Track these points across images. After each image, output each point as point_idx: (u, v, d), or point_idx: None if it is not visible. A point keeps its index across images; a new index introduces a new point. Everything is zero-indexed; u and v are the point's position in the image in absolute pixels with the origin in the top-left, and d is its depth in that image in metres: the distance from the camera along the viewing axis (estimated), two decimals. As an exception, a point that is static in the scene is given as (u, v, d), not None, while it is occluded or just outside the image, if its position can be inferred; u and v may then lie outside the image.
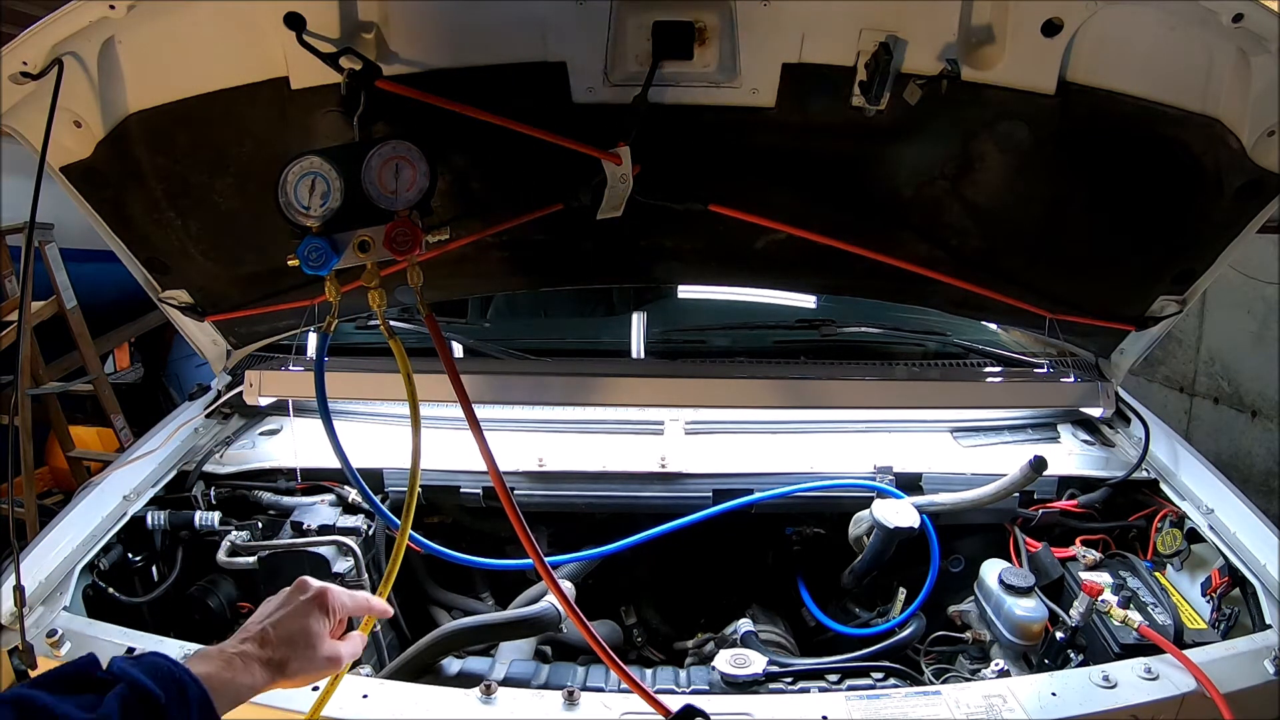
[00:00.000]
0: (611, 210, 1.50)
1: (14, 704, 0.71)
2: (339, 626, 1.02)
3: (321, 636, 0.97)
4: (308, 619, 0.96)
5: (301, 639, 0.94)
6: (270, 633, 0.93)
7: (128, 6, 1.28)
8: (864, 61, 1.37)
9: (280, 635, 0.93)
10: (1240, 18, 1.22)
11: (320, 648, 0.96)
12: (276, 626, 0.94)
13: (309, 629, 0.96)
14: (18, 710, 0.70)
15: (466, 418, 1.20)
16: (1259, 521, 1.56)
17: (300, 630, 0.95)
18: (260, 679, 0.89)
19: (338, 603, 1.00)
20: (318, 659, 0.96)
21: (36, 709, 0.71)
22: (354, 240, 1.20)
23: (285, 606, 0.97)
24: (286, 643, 0.93)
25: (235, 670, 0.87)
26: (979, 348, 2.12)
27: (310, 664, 0.95)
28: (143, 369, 5.10)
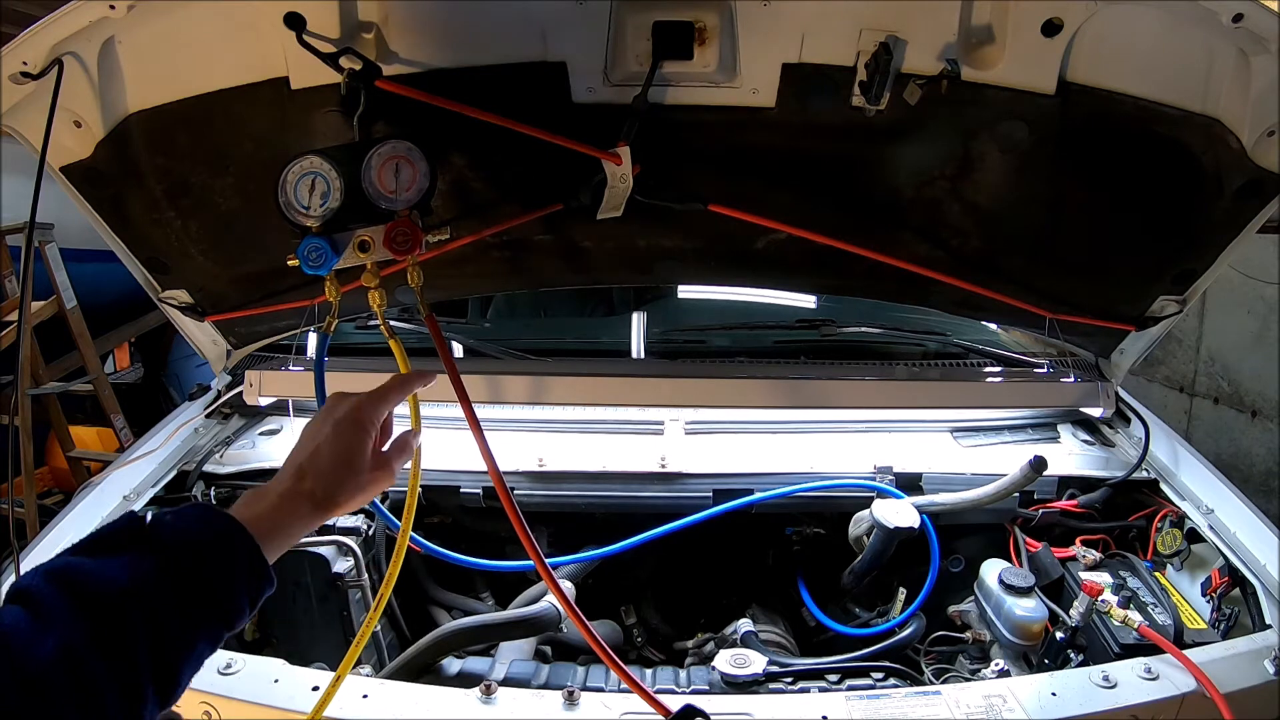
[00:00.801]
0: (611, 210, 1.50)
1: (52, 575, 0.68)
2: (383, 436, 0.98)
3: (363, 456, 0.92)
4: (345, 443, 0.92)
5: (344, 466, 0.90)
6: (308, 467, 0.89)
7: (128, 6, 1.27)
8: (864, 61, 1.37)
9: (321, 468, 0.89)
10: (1240, 18, 1.21)
11: (364, 470, 0.92)
12: (314, 459, 0.90)
13: (348, 454, 0.91)
14: (55, 580, 0.68)
15: (466, 418, 1.20)
16: (1259, 521, 1.56)
17: (340, 457, 0.91)
18: (310, 516, 0.86)
19: (372, 415, 0.95)
20: (363, 481, 0.92)
21: (77, 578, 0.68)
22: (354, 240, 1.20)
23: (319, 435, 0.93)
24: (329, 474, 0.89)
25: (283, 513, 0.84)
26: (979, 348, 2.12)
27: (358, 488, 0.91)
28: (143, 369, 5.10)
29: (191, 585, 0.72)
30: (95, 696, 0.65)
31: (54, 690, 0.62)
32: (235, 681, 1.25)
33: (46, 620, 0.65)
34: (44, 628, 0.64)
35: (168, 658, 0.70)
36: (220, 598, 0.75)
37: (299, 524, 0.85)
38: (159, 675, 0.69)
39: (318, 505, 0.87)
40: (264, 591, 0.79)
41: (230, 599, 0.75)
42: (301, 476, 0.88)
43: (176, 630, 0.71)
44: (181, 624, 0.71)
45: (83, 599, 0.67)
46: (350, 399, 0.96)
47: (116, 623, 0.67)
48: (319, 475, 0.88)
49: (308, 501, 0.86)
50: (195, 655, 0.73)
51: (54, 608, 0.66)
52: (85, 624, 0.66)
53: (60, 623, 0.65)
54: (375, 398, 0.98)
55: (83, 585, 0.68)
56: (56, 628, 0.64)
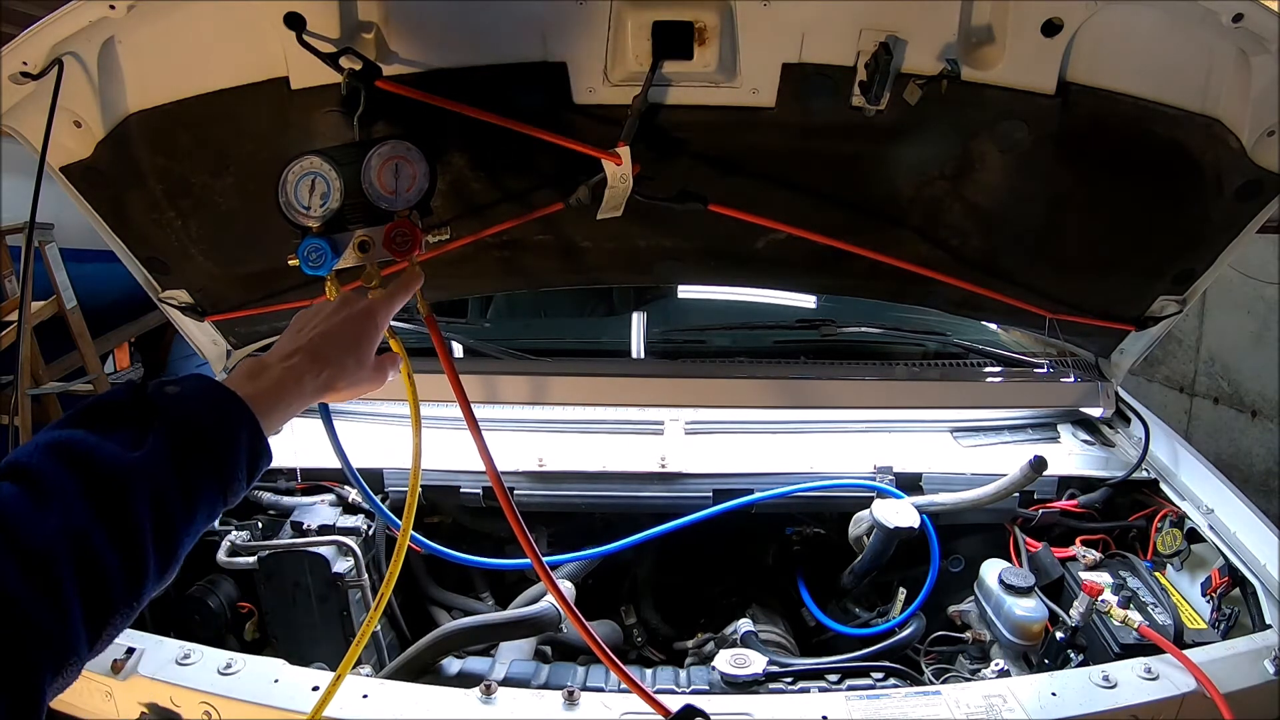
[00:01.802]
0: (611, 210, 1.50)
1: (52, 448, 0.67)
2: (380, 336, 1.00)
3: (370, 350, 0.94)
4: (358, 333, 0.92)
5: (351, 354, 0.91)
6: (319, 346, 0.89)
7: (128, 6, 1.27)
8: (864, 61, 1.37)
9: (330, 348, 0.89)
10: (1240, 18, 1.21)
11: (368, 364, 0.93)
12: (326, 339, 0.90)
13: (359, 344, 0.92)
14: (55, 454, 0.67)
15: (465, 418, 1.20)
16: (1259, 521, 1.56)
17: (351, 345, 0.91)
18: (309, 394, 0.86)
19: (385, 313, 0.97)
20: (364, 374, 0.93)
21: (76, 451, 0.67)
22: (354, 240, 1.20)
23: (334, 317, 0.93)
24: (337, 358, 0.89)
25: (284, 389, 0.84)
26: (979, 348, 2.12)
27: (359, 380, 0.92)
28: (143, 369, 5.10)
29: (193, 459, 0.72)
30: (99, 574, 0.64)
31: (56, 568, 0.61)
32: (235, 681, 1.25)
33: (47, 496, 0.64)
34: (45, 504, 0.63)
35: (169, 532, 0.70)
36: (221, 472, 0.75)
37: (297, 401, 0.85)
38: (160, 550, 0.69)
39: (320, 386, 0.87)
40: (261, 466, 0.79)
41: (230, 472, 0.76)
42: (312, 356, 0.88)
43: (178, 504, 0.71)
44: (183, 498, 0.71)
45: (83, 474, 0.66)
46: (363, 296, 0.98)
47: (119, 498, 0.67)
48: (326, 358, 0.88)
49: (312, 380, 0.86)
50: (194, 528, 0.74)
51: (55, 484, 0.65)
52: (88, 500, 0.65)
53: (62, 499, 0.64)
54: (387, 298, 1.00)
55: (84, 460, 0.67)
56: (57, 503, 0.64)
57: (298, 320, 0.95)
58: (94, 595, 0.64)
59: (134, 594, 0.68)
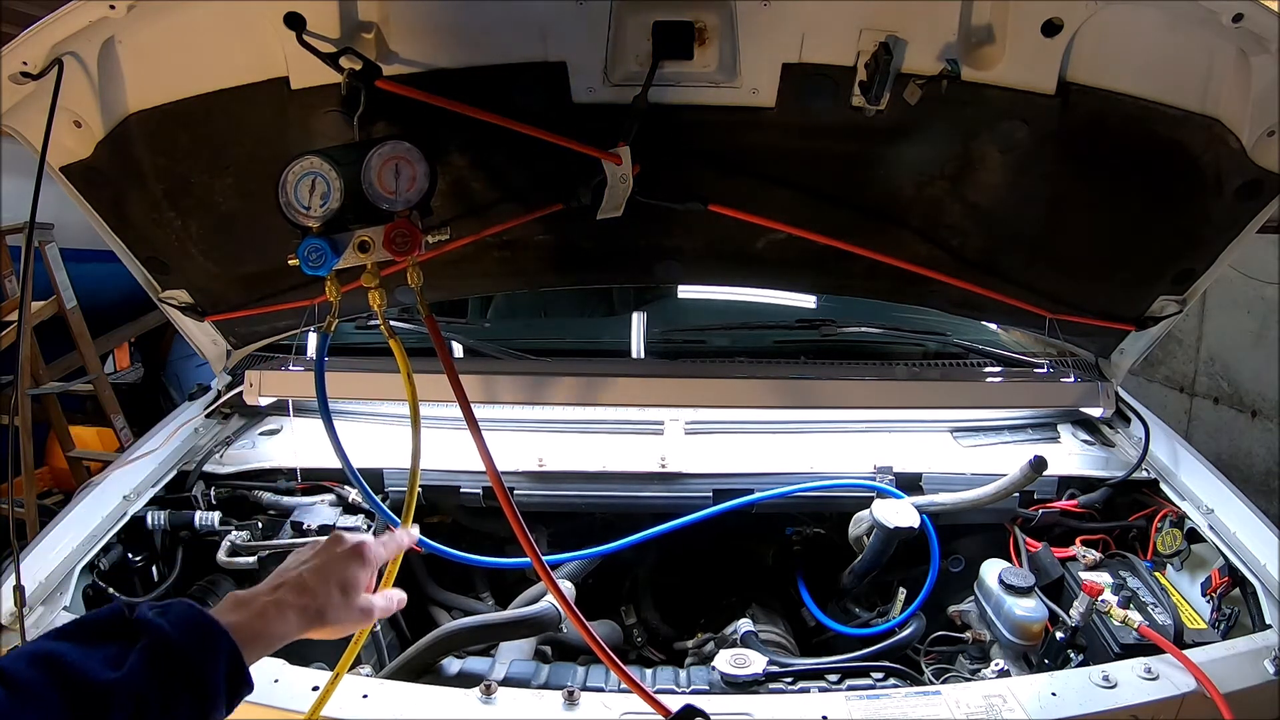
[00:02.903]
0: (611, 210, 1.50)
1: (36, 658, 0.69)
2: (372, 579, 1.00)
3: (359, 586, 0.95)
4: (347, 569, 0.94)
5: (340, 588, 0.92)
6: (308, 580, 0.90)
7: (128, 6, 1.27)
8: (864, 61, 1.37)
9: (318, 583, 0.91)
10: (1240, 18, 1.21)
11: (357, 598, 0.94)
12: (315, 574, 0.92)
13: (348, 578, 0.93)
14: (39, 665, 0.68)
15: (465, 418, 1.20)
16: (1259, 521, 1.56)
17: (340, 579, 0.93)
18: (294, 628, 0.87)
19: (374, 554, 0.98)
20: (354, 609, 0.94)
21: (60, 664, 0.69)
22: (354, 240, 1.20)
23: (322, 555, 0.95)
24: (324, 592, 0.91)
25: (268, 620, 0.85)
26: (979, 348, 2.12)
27: (348, 614, 0.93)
28: (143, 369, 5.09)
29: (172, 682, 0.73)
30: None
31: None
32: (235, 681, 1.25)
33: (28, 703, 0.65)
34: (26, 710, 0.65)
35: None
36: (200, 697, 0.76)
37: (282, 634, 0.86)
38: None
39: (307, 621, 0.88)
40: (242, 694, 0.80)
41: (209, 699, 0.76)
42: (298, 590, 0.89)
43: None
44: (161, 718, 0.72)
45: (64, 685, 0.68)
46: (357, 535, 1.00)
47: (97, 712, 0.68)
48: (313, 593, 0.90)
49: (298, 615, 0.88)
50: None
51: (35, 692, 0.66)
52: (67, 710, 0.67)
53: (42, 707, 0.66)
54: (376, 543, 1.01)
55: (65, 671, 0.68)
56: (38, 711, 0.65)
57: (291, 556, 0.98)
58: None
59: None
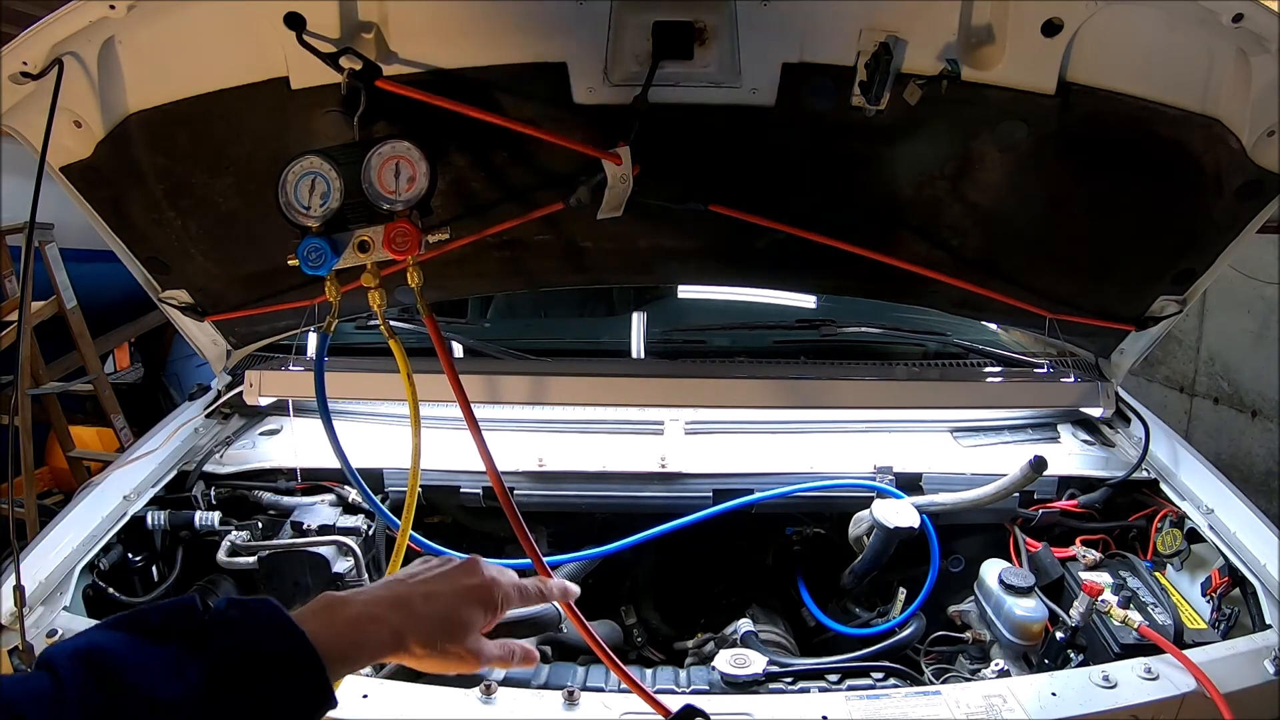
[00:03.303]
0: (611, 210, 1.50)
1: (87, 658, 0.61)
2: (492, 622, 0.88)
3: (473, 630, 0.83)
4: (466, 606, 0.83)
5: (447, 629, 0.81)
6: (419, 605, 0.80)
7: (128, 6, 1.27)
8: (864, 61, 1.37)
9: (428, 611, 0.80)
10: (1240, 18, 1.21)
11: (466, 641, 0.83)
12: (429, 600, 0.81)
13: (463, 617, 0.82)
14: (90, 666, 0.61)
15: (465, 418, 1.20)
16: (1259, 521, 1.56)
17: (453, 616, 0.82)
18: (385, 648, 0.77)
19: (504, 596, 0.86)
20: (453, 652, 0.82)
21: (110, 667, 0.61)
22: (354, 240, 1.20)
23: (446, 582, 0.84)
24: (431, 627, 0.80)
25: (361, 633, 0.74)
26: (979, 348, 2.12)
27: (446, 656, 0.81)
28: (143, 369, 5.09)
29: (236, 704, 0.64)
30: None
31: None
32: (235, 681, 1.25)
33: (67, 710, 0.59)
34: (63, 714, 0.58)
35: None
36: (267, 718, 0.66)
37: (372, 653, 0.76)
38: None
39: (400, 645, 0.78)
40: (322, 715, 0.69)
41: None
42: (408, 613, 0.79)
43: None
44: None
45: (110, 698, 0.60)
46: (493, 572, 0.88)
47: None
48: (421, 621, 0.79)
49: (394, 638, 0.77)
50: None
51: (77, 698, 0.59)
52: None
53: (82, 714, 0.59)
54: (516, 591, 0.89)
55: (114, 680, 0.61)
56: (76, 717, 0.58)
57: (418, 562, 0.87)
58: None
59: None
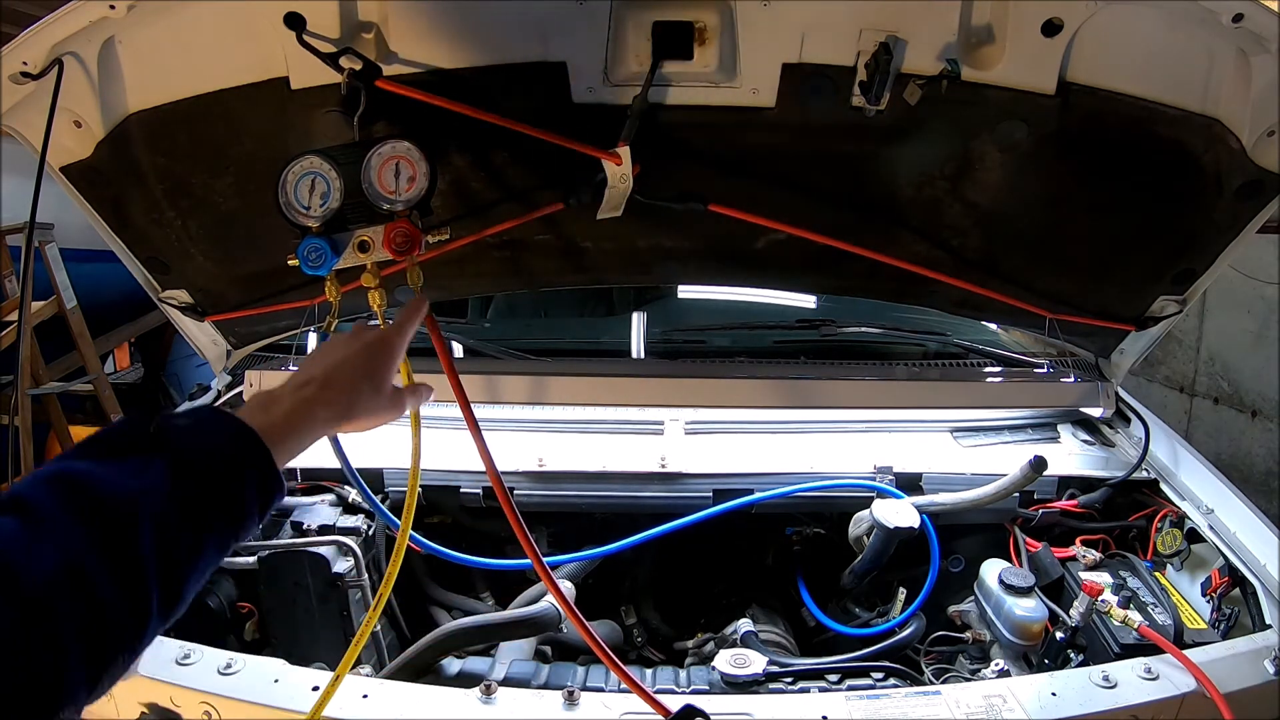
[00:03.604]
0: (611, 210, 1.50)
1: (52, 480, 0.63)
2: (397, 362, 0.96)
3: (388, 380, 0.91)
4: (373, 360, 0.90)
5: (367, 381, 0.88)
6: (334, 375, 0.86)
7: (128, 6, 1.28)
8: (864, 61, 1.37)
9: (345, 377, 0.87)
10: (1240, 18, 1.21)
11: (385, 393, 0.90)
12: (341, 368, 0.87)
13: (375, 370, 0.89)
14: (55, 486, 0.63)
15: (465, 418, 1.20)
16: (1259, 521, 1.56)
17: (369, 374, 0.88)
18: (323, 425, 0.83)
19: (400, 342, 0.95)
20: (382, 403, 0.90)
21: (77, 482, 0.63)
22: (354, 240, 1.20)
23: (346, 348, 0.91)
24: (353, 387, 0.87)
25: (297, 418, 0.80)
26: (979, 348, 2.12)
27: (376, 409, 0.89)
28: (143, 369, 5.10)
29: (201, 491, 0.69)
30: (98, 612, 0.60)
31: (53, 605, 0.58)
32: (235, 681, 1.25)
33: (44, 530, 0.60)
34: (41, 538, 0.60)
35: (174, 568, 0.66)
36: (230, 505, 0.71)
37: (311, 432, 0.82)
38: (164, 587, 0.65)
39: (336, 415, 0.85)
40: (274, 500, 0.76)
41: (240, 506, 0.72)
42: (325, 384, 0.85)
43: (185, 537, 0.67)
44: (190, 530, 0.68)
45: (84, 506, 0.62)
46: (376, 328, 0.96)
47: (121, 530, 0.63)
48: (343, 387, 0.86)
49: (326, 409, 0.84)
50: (202, 564, 0.70)
51: (52, 516, 0.61)
52: (87, 532, 0.61)
53: (59, 532, 0.60)
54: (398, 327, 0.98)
55: (84, 490, 0.63)
56: (55, 537, 0.60)
57: (312, 353, 0.94)
58: (93, 637, 0.60)
59: (135, 634, 0.64)
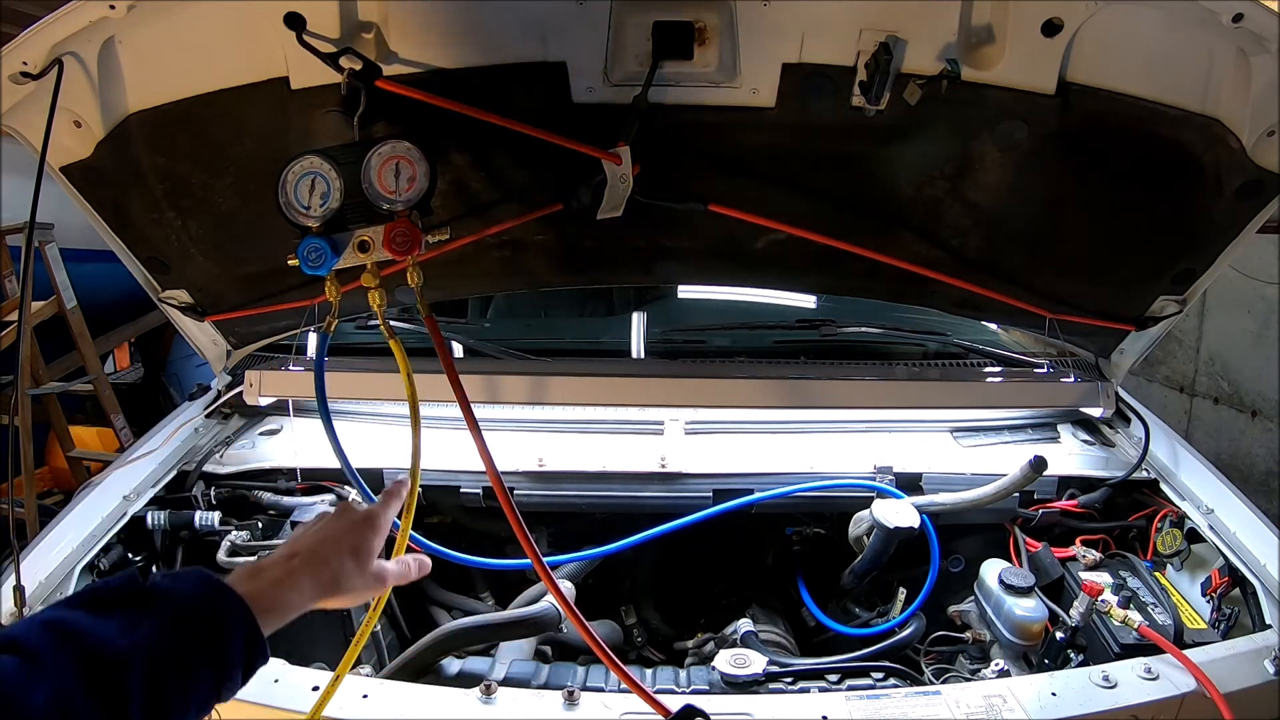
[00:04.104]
0: (611, 210, 1.50)
1: (48, 625, 0.67)
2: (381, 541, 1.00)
3: (372, 553, 0.95)
4: (359, 536, 0.94)
5: (352, 555, 0.92)
6: (320, 549, 0.91)
7: (128, 6, 1.28)
8: (864, 61, 1.37)
9: (331, 552, 0.91)
10: (1240, 18, 1.21)
11: (370, 564, 0.94)
12: (327, 543, 0.92)
13: (360, 545, 0.93)
14: (51, 632, 0.67)
15: (465, 418, 1.20)
16: (1259, 521, 1.56)
17: (351, 546, 0.93)
18: (308, 597, 0.87)
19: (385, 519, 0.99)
20: (368, 576, 0.94)
21: (71, 631, 0.67)
22: (354, 240, 1.20)
23: (334, 524, 0.95)
24: (337, 560, 0.91)
25: (283, 589, 0.85)
26: (979, 348, 2.12)
27: (361, 581, 0.93)
28: (143, 369, 5.10)
29: (189, 649, 0.72)
30: None
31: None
32: (235, 681, 1.25)
33: (40, 670, 0.64)
34: (37, 677, 0.63)
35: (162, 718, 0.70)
36: (217, 666, 0.75)
37: (295, 603, 0.86)
38: None
39: (320, 589, 0.88)
40: (258, 664, 0.80)
41: (226, 668, 0.76)
42: (311, 559, 0.89)
43: (174, 692, 0.71)
44: (177, 688, 0.71)
45: (78, 651, 0.66)
46: (363, 505, 1.02)
47: (112, 679, 0.67)
48: (327, 562, 0.90)
49: (311, 583, 0.88)
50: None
51: (49, 658, 0.65)
52: (80, 677, 0.65)
53: (54, 673, 0.64)
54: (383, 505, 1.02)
55: (79, 638, 0.67)
56: (50, 678, 0.64)
57: (302, 526, 0.99)
58: None
59: None
